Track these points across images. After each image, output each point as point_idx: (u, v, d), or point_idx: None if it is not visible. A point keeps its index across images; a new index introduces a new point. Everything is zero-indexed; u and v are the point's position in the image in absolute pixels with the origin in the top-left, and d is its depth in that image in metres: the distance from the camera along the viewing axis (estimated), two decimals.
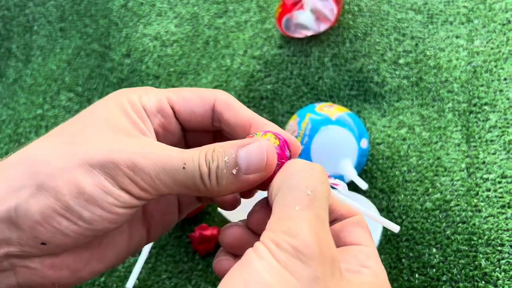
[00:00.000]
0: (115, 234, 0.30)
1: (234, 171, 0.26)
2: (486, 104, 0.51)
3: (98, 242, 0.29)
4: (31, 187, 0.25)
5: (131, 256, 0.32)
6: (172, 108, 0.30)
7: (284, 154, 0.28)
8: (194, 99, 0.30)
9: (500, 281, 0.43)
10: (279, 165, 0.27)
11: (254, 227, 0.28)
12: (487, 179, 0.48)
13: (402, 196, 0.49)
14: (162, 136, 0.30)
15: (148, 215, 0.32)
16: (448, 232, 0.46)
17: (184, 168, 0.26)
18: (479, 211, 0.47)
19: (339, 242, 0.28)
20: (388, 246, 0.47)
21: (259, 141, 0.26)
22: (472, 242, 0.45)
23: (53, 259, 0.27)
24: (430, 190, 0.49)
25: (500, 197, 0.47)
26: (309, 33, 0.56)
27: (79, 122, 0.28)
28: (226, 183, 0.26)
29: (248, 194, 0.31)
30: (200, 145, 0.29)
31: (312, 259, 0.22)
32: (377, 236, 0.45)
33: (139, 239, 0.31)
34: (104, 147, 0.26)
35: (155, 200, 0.29)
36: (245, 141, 0.27)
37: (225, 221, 0.51)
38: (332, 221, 0.29)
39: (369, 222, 0.46)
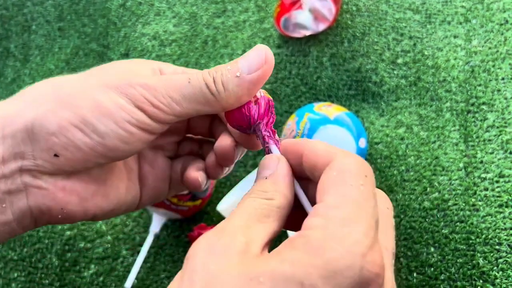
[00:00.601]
0: (117, 178, 0.32)
1: (238, 74, 0.28)
2: (484, 103, 0.51)
3: (103, 179, 0.30)
4: (51, 103, 0.27)
5: (124, 211, 0.33)
6: None
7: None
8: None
9: (498, 280, 0.44)
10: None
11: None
12: (485, 179, 0.48)
13: (401, 195, 0.49)
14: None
15: (143, 176, 0.34)
16: (446, 231, 0.47)
17: (189, 82, 0.28)
18: (477, 210, 0.47)
19: None
20: None
21: (255, 47, 0.29)
22: (470, 241, 0.46)
23: (64, 182, 0.28)
24: (428, 189, 0.49)
25: (497, 196, 0.47)
26: (308, 33, 0.56)
27: (99, 67, 0.31)
28: (232, 86, 0.28)
29: (251, 142, 0.32)
30: (196, 130, 0.35)
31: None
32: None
33: (134, 195, 0.33)
34: (120, 75, 0.28)
35: (150, 163, 0.32)
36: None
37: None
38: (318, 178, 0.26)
39: None
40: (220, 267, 0.21)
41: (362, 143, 0.48)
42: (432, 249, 0.46)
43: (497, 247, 0.45)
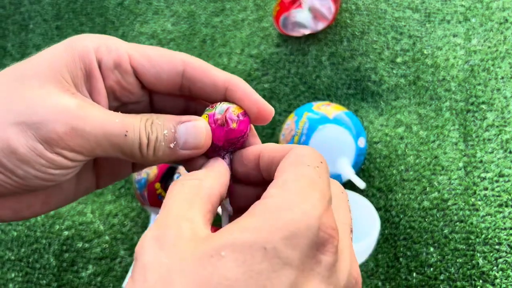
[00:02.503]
0: (62, 182, 0.29)
1: (171, 145, 0.27)
2: (483, 103, 0.51)
3: (42, 190, 0.29)
4: None
5: (77, 198, 0.32)
6: (134, 68, 0.29)
7: (244, 126, 0.28)
8: (162, 63, 0.29)
9: (497, 280, 0.43)
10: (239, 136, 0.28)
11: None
12: (484, 178, 0.48)
13: (400, 195, 0.49)
14: (119, 93, 0.30)
15: (98, 165, 0.32)
16: (445, 231, 0.46)
17: (126, 135, 0.26)
18: (477, 210, 0.47)
19: None
20: (386, 245, 0.47)
21: (197, 120, 0.27)
22: (470, 241, 0.45)
23: None
24: (428, 189, 0.48)
25: (497, 196, 0.47)
26: (307, 32, 0.56)
27: (24, 67, 0.27)
28: (162, 155, 0.27)
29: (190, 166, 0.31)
30: (170, 110, 0.30)
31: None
32: (374, 235, 0.45)
33: (88, 185, 0.32)
34: (42, 106, 0.25)
35: None
36: (183, 117, 0.28)
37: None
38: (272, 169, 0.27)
39: (367, 218, 0.46)
40: (173, 258, 0.20)
41: (361, 142, 0.48)
42: (432, 249, 0.46)
43: (496, 247, 0.45)
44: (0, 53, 0.66)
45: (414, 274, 0.45)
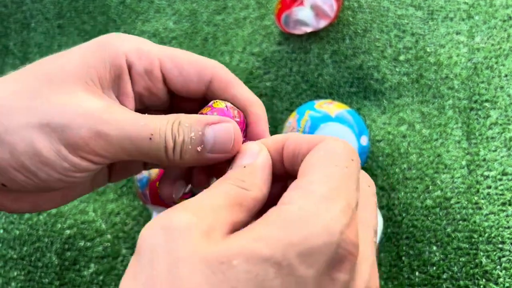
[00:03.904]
0: (86, 180, 0.29)
1: (199, 149, 0.26)
2: (486, 101, 0.51)
3: (66, 187, 0.28)
4: None
5: (95, 188, 0.32)
6: (164, 75, 0.29)
7: (243, 125, 0.28)
8: (191, 74, 0.29)
9: (501, 279, 0.43)
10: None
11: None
12: (487, 177, 0.48)
13: (402, 193, 0.49)
14: (147, 98, 0.29)
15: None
16: (448, 229, 0.46)
17: (150, 139, 0.25)
18: (480, 208, 0.46)
19: None
20: (388, 244, 0.47)
21: (227, 122, 0.26)
22: (473, 240, 0.45)
23: (15, 195, 0.27)
24: (431, 187, 0.48)
25: (500, 195, 0.46)
26: (309, 30, 0.56)
27: (52, 66, 0.27)
28: (188, 158, 0.26)
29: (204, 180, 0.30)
30: (189, 108, 0.29)
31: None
32: (377, 234, 0.45)
33: (103, 179, 0.31)
34: (67, 109, 0.25)
35: None
36: (211, 118, 0.26)
37: None
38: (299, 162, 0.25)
39: None
40: (182, 247, 0.19)
41: (364, 140, 0.48)
42: (435, 248, 0.46)
43: (500, 245, 0.44)
44: (2, 52, 0.66)
45: (417, 273, 0.45)
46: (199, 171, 0.31)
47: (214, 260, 0.19)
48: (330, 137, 0.24)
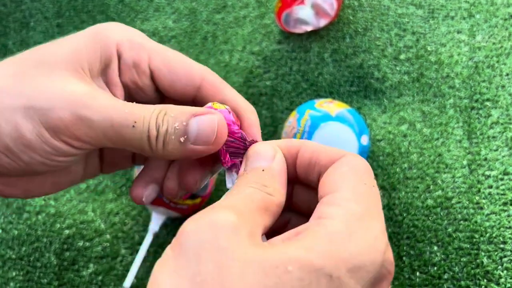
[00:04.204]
0: (69, 166, 0.29)
1: (182, 139, 0.25)
2: (488, 100, 0.51)
3: (52, 171, 0.28)
4: None
5: (87, 178, 0.32)
6: (151, 71, 0.29)
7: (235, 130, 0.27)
8: (180, 74, 0.29)
9: (502, 279, 0.43)
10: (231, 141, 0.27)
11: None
12: (489, 176, 0.47)
13: (403, 193, 0.48)
14: (133, 91, 0.29)
15: (102, 151, 0.31)
16: (449, 229, 0.46)
17: (133, 126, 0.25)
18: (481, 208, 0.46)
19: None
20: (389, 244, 0.47)
21: (212, 114, 0.26)
22: (474, 240, 0.45)
23: (6, 179, 0.27)
24: (431, 187, 0.48)
25: (502, 194, 0.46)
26: (309, 29, 0.56)
27: (45, 51, 0.27)
28: (171, 148, 0.26)
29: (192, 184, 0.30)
30: None
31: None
32: None
33: (94, 169, 0.31)
34: (51, 92, 0.25)
35: None
36: (198, 110, 0.26)
37: None
38: (318, 176, 0.25)
39: None
40: (233, 245, 0.19)
41: (364, 140, 0.48)
42: (435, 248, 0.46)
43: (501, 245, 0.44)
44: (1, 51, 0.66)
45: (418, 273, 0.45)
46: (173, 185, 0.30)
47: (268, 263, 0.19)
48: (349, 153, 0.25)
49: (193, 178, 0.29)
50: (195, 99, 0.29)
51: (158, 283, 0.19)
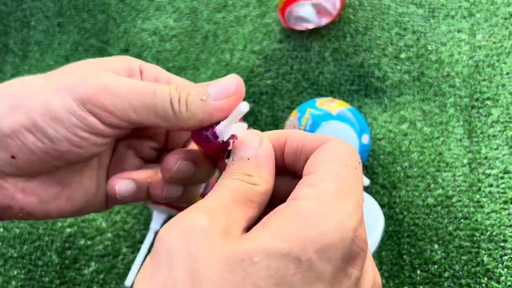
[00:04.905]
0: (85, 177, 0.31)
1: (204, 97, 0.26)
2: (488, 99, 0.51)
3: (69, 181, 0.30)
4: (6, 105, 0.26)
5: (100, 207, 0.33)
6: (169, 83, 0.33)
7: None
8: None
9: (502, 277, 0.43)
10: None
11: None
12: (489, 175, 0.47)
13: (404, 192, 0.49)
14: None
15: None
16: (450, 228, 0.46)
17: (154, 93, 0.26)
18: (482, 206, 0.46)
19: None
20: (390, 242, 0.47)
21: (230, 75, 0.27)
22: (475, 238, 0.45)
23: (24, 184, 0.28)
24: (432, 185, 0.48)
25: (502, 193, 0.46)
26: (310, 26, 0.56)
27: (74, 64, 0.30)
28: (195, 108, 0.26)
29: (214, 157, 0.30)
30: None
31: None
32: (378, 232, 0.45)
33: (102, 196, 0.33)
34: (82, 74, 0.27)
35: (123, 164, 0.32)
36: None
37: None
38: (304, 163, 0.25)
39: (371, 215, 0.46)
40: (202, 248, 0.19)
41: (365, 139, 0.48)
42: (436, 246, 0.46)
43: (502, 244, 0.44)
44: (2, 50, 0.66)
45: (418, 272, 0.45)
46: (159, 181, 0.31)
47: (234, 257, 0.19)
48: (334, 138, 0.24)
49: (172, 160, 0.30)
50: None
51: None
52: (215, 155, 0.28)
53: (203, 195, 0.49)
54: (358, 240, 0.20)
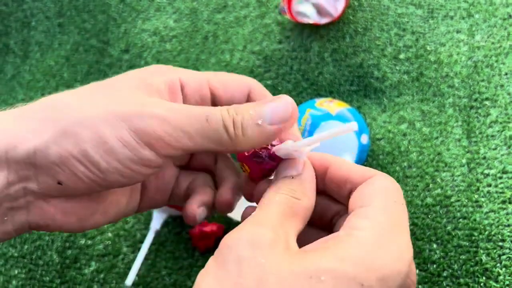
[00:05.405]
0: (120, 194, 0.31)
1: (259, 121, 0.26)
2: (487, 99, 0.51)
3: (105, 198, 0.30)
4: (53, 131, 0.25)
5: (129, 215, 0.34)
6: (211, 92, 0.31)
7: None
8: (234, 86, 0.31)
9: (501, 277, 0.43)
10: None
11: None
12: (488, 175, 0.48)
13: (403, 191, 0.49)
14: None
15: (145, 187, 0.33)
16: (448, 227, 0.46)
17: (207, 120, 0.26)
18: (480, 206, 0.46)
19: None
20: None
21: (282, 97, 0.27)
22: (473, 238, 0.45)
23: (65, 204, 0.28)
24: (431, 185, 0.48)
25: (501, 193, 0.47)
26: (311, 21, 0.55)
27: (111, 79, 0.29)
28: (251, 133, 0.27)
29: (257, 180, 0.31)
30: None
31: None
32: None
33: (134, 205, 0.33)
34: (132, 100, 0.26)
35: (156, 174, 0.31)
36: (266, 99, 0.28)
37: (225, 218, 0.50)
38: (349, 192, 0.27)
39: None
40: (270, 261, 0.21)
41: (364, 139, 0.48)
42: (435, 246, 0.46)
43: (500, 243, 0.45)
44: (3, 50, 0.66)
45: (417, 271, 0.45)
46: (225, 200, 0.33)
47: (302, 274, 0.21)
48: (380, 173, 0.26)
49: (227, 195, 0.32)
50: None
51: None
52: (260, 176, 0.29)
53: None
54: (412, 274, 0.22)
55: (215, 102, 0.31)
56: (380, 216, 0.23)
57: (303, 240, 0.25)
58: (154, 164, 0.27)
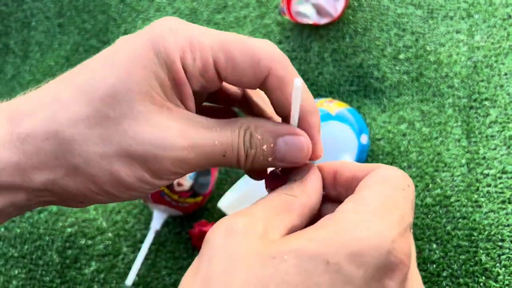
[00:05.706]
0: None
1: (270, 159, 0.27)
2: (486, 99, 0.51)
3: None
4: (66, 167, 0.24)
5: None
6: (218, 72, 0.27)
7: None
8: (246, 69, 0.26)
9: (500, 277, 0.43)
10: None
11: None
12: (487, 175, 0.48)
13: None
14: (201, 93, 0.29)
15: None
16: (448, 227, 0.46)
17: (224, 156, 0.26)
18: (480, 206, 0.47)
19: None
20: None
21: (299, 135, 0.27)
22: (473, 238, 0.45)
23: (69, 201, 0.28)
24: (431, 185, 0.48)
25: (500, 193, 0.47)
26: (310, 21, 0.56)
27: (112, 77, 0.25)
28: (259, 166, 0.27)
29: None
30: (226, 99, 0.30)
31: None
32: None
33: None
34: (144, 137, 0.24)
35: None
36: (284, 129, 0.27)
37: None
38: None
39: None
40: (240, 246, 0.21)
41: (364, 139, 0.48)
42: (435, 246, 0.46)
43: (499, 243, 0.45)
44: (3, 51, 0.66)
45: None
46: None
47: (267, 255, 0.20)
48: (384, 165, 0.25)
49: None
50: (261, 87, 0.28)
51: (181, 285, 0.22)
52: (276, 188, 0.30)
53: (203, 195, 0.49)
54: (397, 251, 0.20)
55: (220, 77, 0.27)
56: (368, 199, 0.22)
57: None
58: (164, 185, 0.28)
